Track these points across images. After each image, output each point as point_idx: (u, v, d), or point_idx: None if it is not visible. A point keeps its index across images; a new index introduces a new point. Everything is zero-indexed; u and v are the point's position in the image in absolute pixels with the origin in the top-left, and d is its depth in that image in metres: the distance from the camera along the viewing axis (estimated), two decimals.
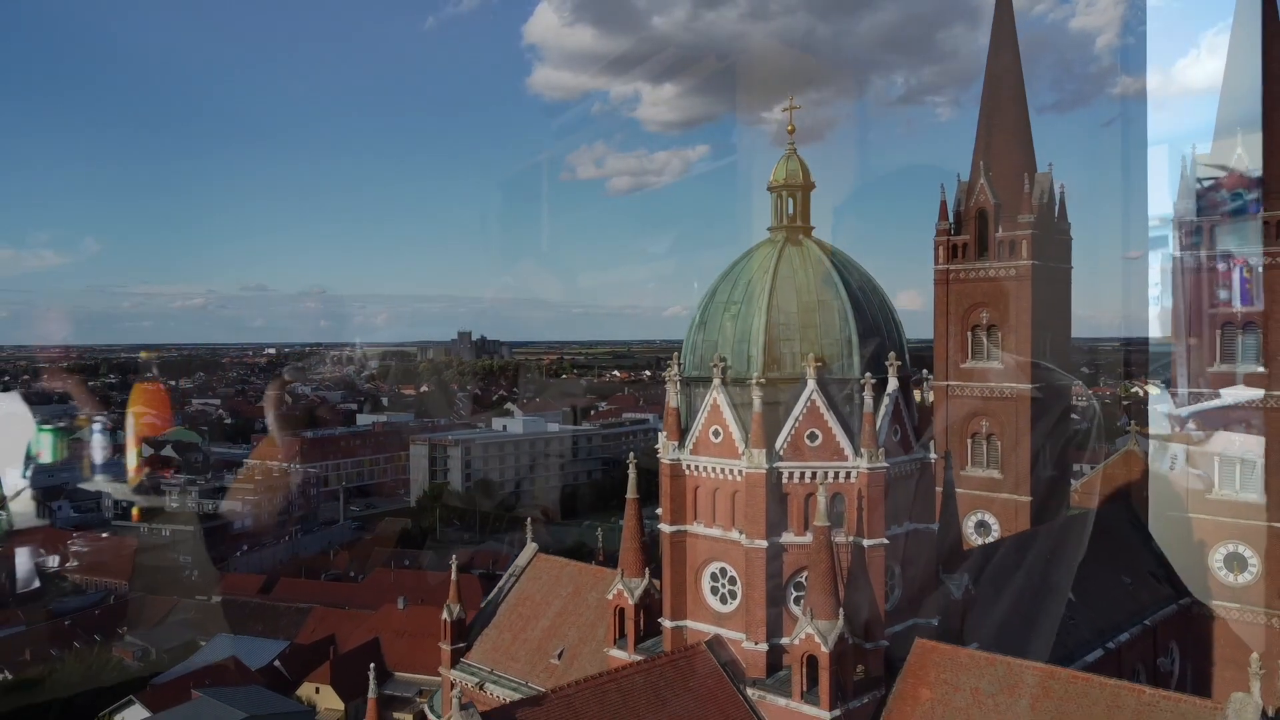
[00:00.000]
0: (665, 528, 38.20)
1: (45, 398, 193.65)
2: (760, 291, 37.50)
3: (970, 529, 65.69)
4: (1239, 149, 57.91)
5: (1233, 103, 61.05)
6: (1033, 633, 42.74)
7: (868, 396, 35.53)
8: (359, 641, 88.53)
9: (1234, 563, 56.79)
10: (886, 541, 35.48)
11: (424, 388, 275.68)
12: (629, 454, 43.28)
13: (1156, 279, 60.97)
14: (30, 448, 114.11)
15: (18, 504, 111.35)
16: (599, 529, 55.11)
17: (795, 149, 40.13)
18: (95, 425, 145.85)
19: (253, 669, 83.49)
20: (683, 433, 38.38)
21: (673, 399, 38.85)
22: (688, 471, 38.10)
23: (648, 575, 39.72)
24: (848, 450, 35.54)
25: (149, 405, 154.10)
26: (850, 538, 35.26)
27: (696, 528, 37.83)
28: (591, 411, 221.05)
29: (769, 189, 40.48)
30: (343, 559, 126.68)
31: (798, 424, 35.78)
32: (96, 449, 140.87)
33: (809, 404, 35.75)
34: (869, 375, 35.76)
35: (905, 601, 37.31)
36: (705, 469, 37.52)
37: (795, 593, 35.72)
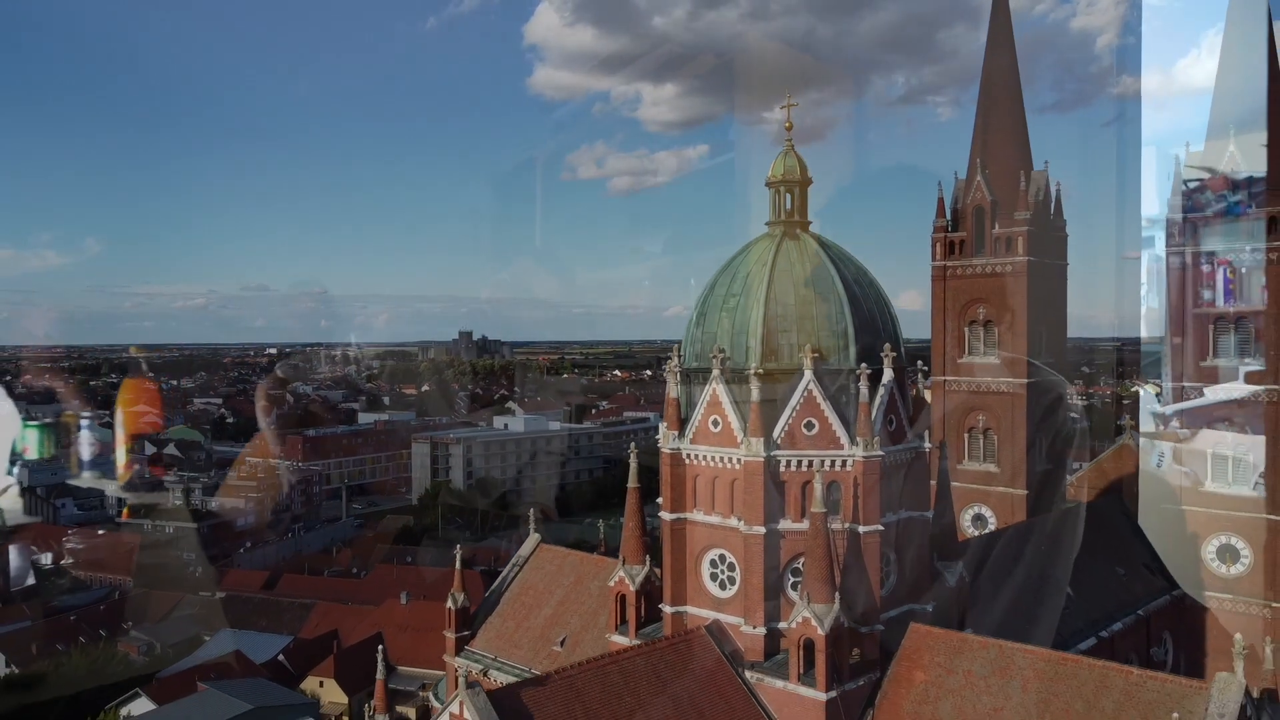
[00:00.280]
0: (666, 515, 39.08)
1: (35, 395, 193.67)
2: (758, 285, 38.36)
3: (967, 522, 66.52)
4: (1231, 148, 58.72)
5: (1226, 103, 61.87)
6: (1026, 620, 43.50)
7: (863, 387, 36.39)
8: (362, 636, 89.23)
9: (1226, 554, 57.60)
10: (881, 528, 36.33)
11: (425, 387, 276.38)
12: (630, 444, 44.10)
13: (1144, 279, 61.90)
14: (16, 444, 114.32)
15: (6, 500, 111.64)
16: (600, 522, 55.85)
17: (793, 145, 40.98)
18: (83, 421, 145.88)
19: (257, 663, 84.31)
20: (683, 423, 39.25)
21: (673, 390, 39.71)
22: (688, 460, 38.96)
23: (648, 562, 40.61)
24: (844, 439, 36.38)
25: (139, 401, 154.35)
26: (846, 524, 36.10)
27: (696, 515, 38.70)
28: (592, 410, 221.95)
29: (767, 184, 41.33)
30: (345, 556, 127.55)
31: (795, 414, 36.63)
32: (84, 445, 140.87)
33: (806, 394, 36.59)
34: (864, 366, 36.59)
35: (901, 588, 38.15)
36: (705, 458, 38.38)
37: (792, 578, 36.56)
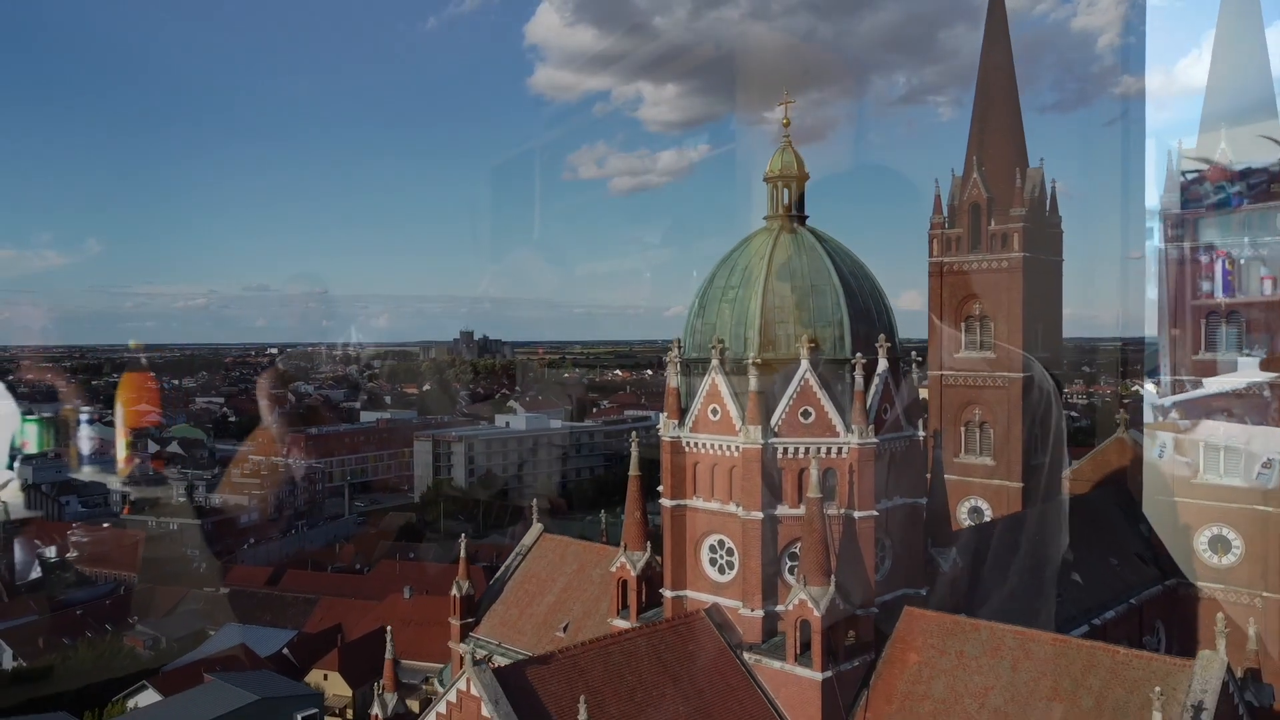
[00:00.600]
0: (666, 502, 40.07)
1: (37, 393, 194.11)
2: (756, 277, 39.33)
3: (964, 514, 67.47)
4: (1222, 144, 59.57)
5: (1218, 98, 62.67)
6: (1019, 606, 44.37)
7: (859, 376, 37.35)
8: (365, 630, 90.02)
9: (1218, 545, 58.48)
10: (876, 513, 37.31)
11: (426, 386, 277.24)
12: (632, 434, 45.05)
13: (1149, 274, 62.36)
14: (15, 439, 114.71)
15: (7, 494, 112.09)
16: (602, 513, 56.75)
17: (790, 141, 41.92)
18: (83, 416, 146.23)
19: (262, 657, 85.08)
20: (683, 412, 40.24)
21: (673, 380, 40.69)
22: (687, 449, 39.94)
23: (649, 549, 41.57)
24: (839, 427, 37.33)
25: (139, 395, 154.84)
26: (842, 510, 37.06)
27: (695, 502, 39.69)
28: (593, 409, 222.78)
29: (765, 180, 42.28)
30: (348, 552, 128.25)
31: (792, 402, 37.58)
32: (85, 440, 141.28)
33: (802, 383, 37.55)
34: (860, 356, 37.56)
35: (895, 572, 39.12)
36: (704, 446, 39.37)
37: (789, 562, 37.51)
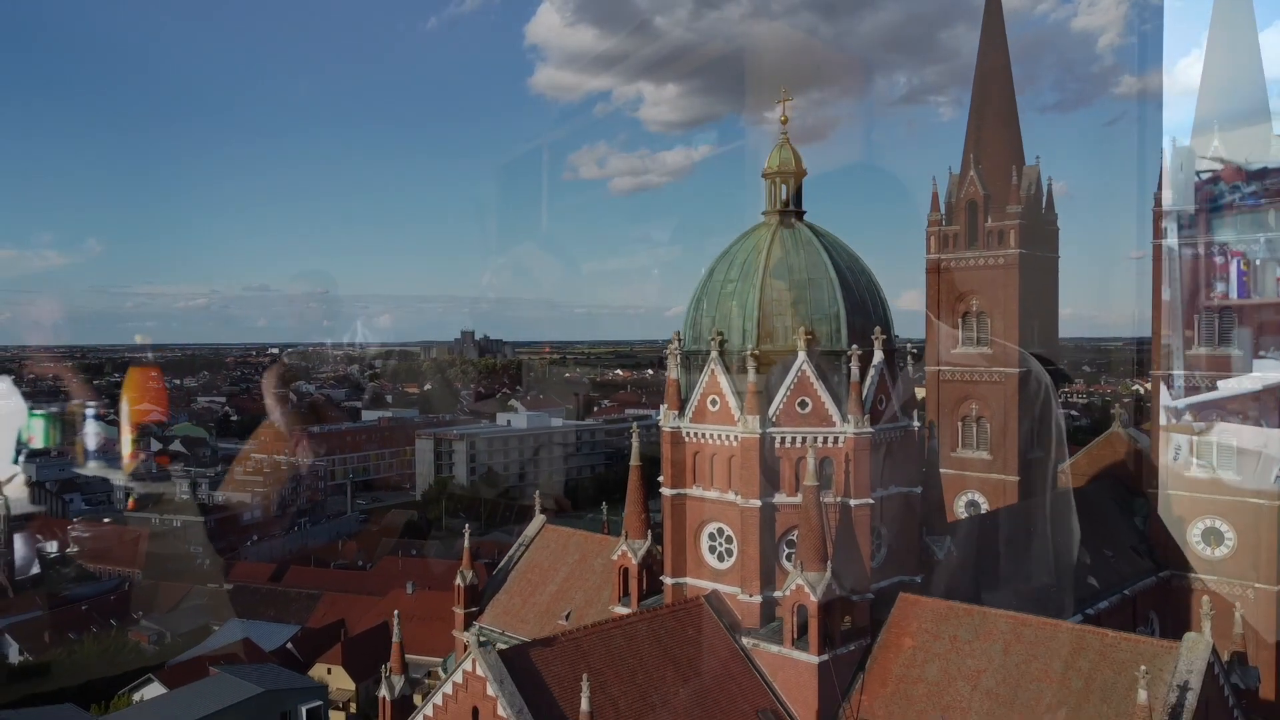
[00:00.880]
0: (666, 491, 40.95)
1: (40, 391, 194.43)
2: (755, 270, 40.19)
3: (961, 508, 68.23)
4: (1215, 142, 60.30)
5: (1211, 98, 63.38)
6: (1012, 592, 45.18)
7: (855, 367, 38.20)
8: (369, 625, 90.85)
9: (1211, 537, 59.29)
10: (872, 501, 38.15)
11: (427, 386, 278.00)
12: (633, 424, 45.91)
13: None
14: (21, 433, 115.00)
15: (11, 490, 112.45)
16: (603, 504, 57.54)
17: (788, 138, 42.77)
18: (89, 411, 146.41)
19: (266, 651, 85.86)
20: (682, 403, 41.09)
21: (673, 371, 41.55)
22: (687, 439, 40.80)
23: (650, 537, 42.43)
24: (836, 417, 38.17)
25: (144, 389, 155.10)
26: (838, 498, 37.89)
27: (695, 491, 40.55)
28: (595, 408, 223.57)
29: (763, 175, 43.11)
30: (350, 549, 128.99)
31: (789, 393, 38.43)
32: (90, 435, 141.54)
33: (799, 374, 38.40)
34: (856, 348, 38.42)
35: (891, 559, 39.95)
36: (703, 435, 40.23)
37: (787, 549, 38.35)
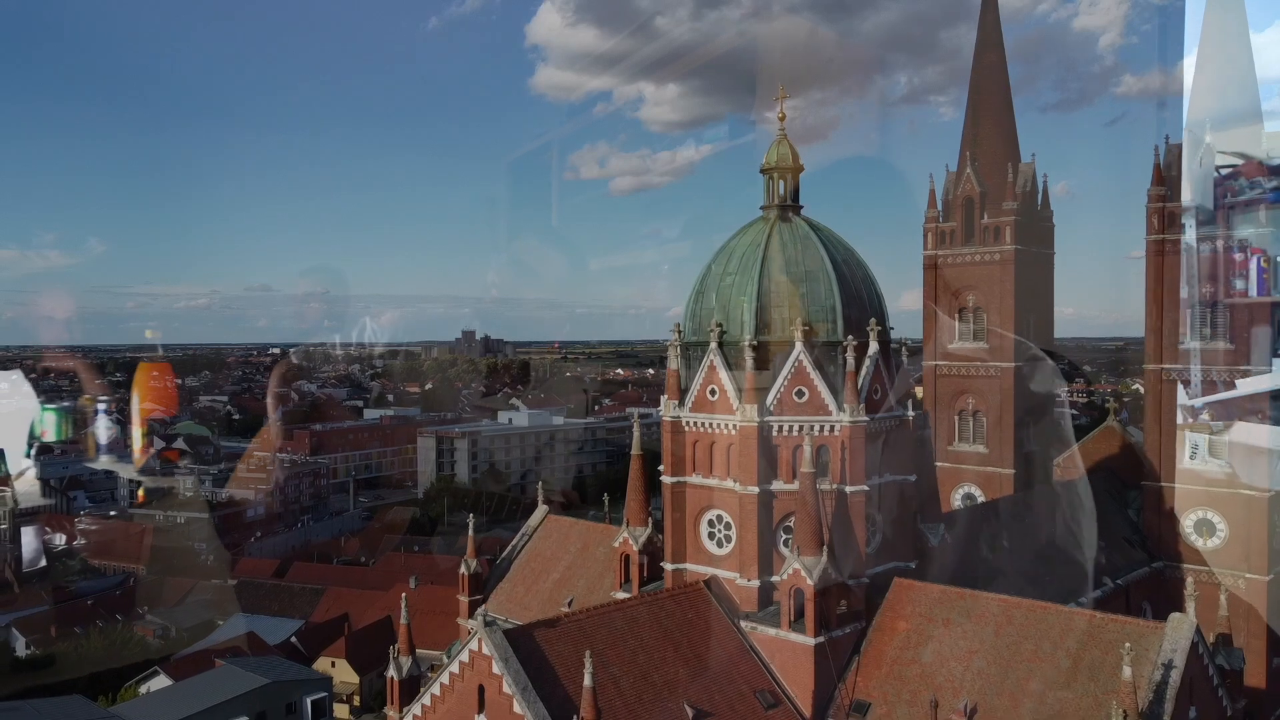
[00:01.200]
0: (667, 479, 41.93)
1: (49, 388, 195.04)
2: (753, 263, 41.16)
3: (957, 501, 69.15)
4: (1207, 139, 61.16)
5: (1202, 99, 64.23)
6: (1005, 578, 46.09)
7: (850, 358, 39.16)
8: (372, 619, 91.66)
9: (1203, 528, 60.23)
10: (867, 488, 39.12)
11: (428, 385, 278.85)
12: (634, 414, 46.86)
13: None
14: (34, 427, 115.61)
15: (22, 484, 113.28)
16: (605, 496, 58.34)
17: (786, 134, 43.75)
18: (100, 405, 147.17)
19: (270, 645, 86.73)
20: (683, 393, 42.05)
21: (674, 362, 42.50)
22: (687, 428, 41.78)
23: (650, 525, 43.40)
24: (832, 406, 39.13)
25: (154, 381, 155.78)
26: (834, 485, 38.83)
27: (695, 478, 41.54)
28: (596, 407, 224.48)
29: (761, 171, 44.07)
30: (353, 545, 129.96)
31: (786, 382, 39.42)
32: (101, 429, 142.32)
33: (796, 364, 39.39)
34: (851, 339, 39.39)
35: (886, 546, 40.90)
36: (703, 425, 41.21)
37: (784, 535, 39.32)
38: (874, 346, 40.38)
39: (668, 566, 41.85)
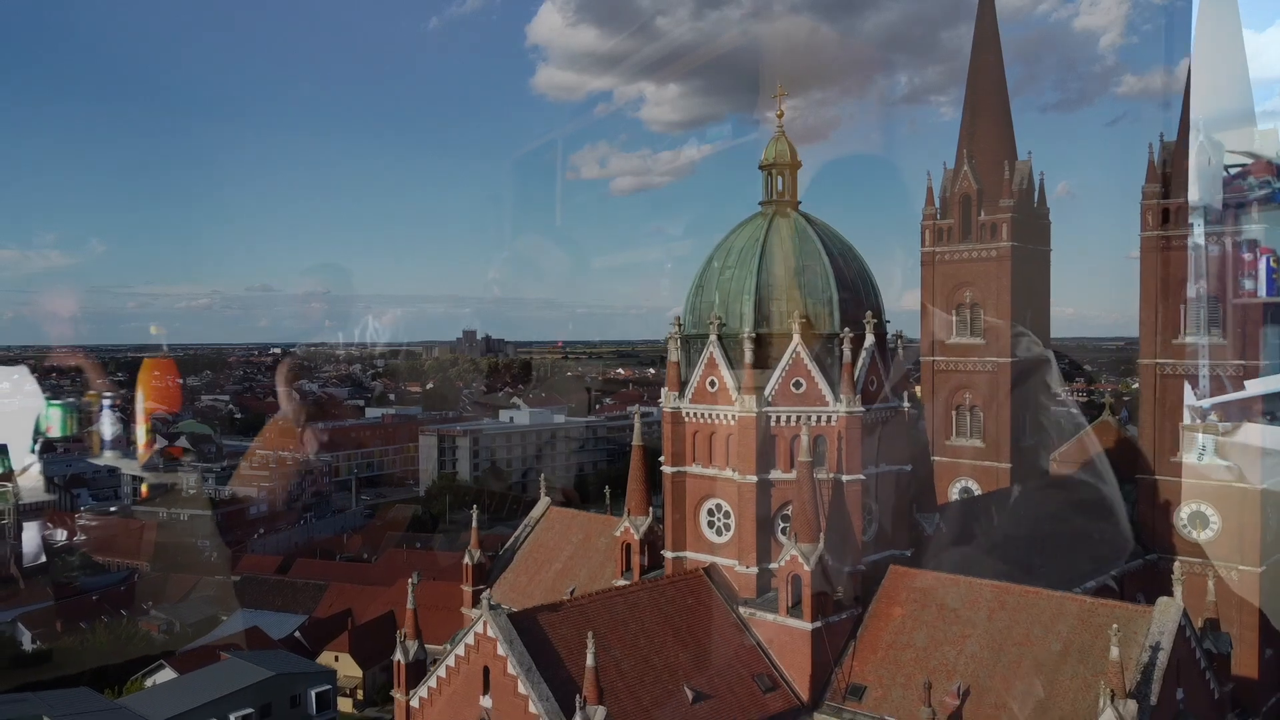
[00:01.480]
0: (667, 469, 42.79)
1: (52, 380, 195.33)
2: (751, 257, 41.99)
3: (954, 495, 69.91)
4: (1200, 137, 61.95)
5: (1198, 100, 64.83)
6: (999, 568, 46.86)
7: (847, 350, 39.97)
8: (375, 614, 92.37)
9: (1197, 521, 61.03)
10: (863, 477, 39.93)
11: (429, 384, 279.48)
12: (635, 408, 47.66)
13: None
14: (40, 422, 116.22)
15: (26, 479, 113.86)
16: (606, 488, 59.15)
17: (784, 131, 44.58)
18: (105, 401, 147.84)
19: (274, 640, 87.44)
20: (683, 384, 42.89)
21: (674, 354, 43.34)
22: (687, 418, 42.63)
23: (651, 514, 44.23)
24: (829, 397, 39.95)
25: (159, 376, 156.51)
26: (831, 474, 39.63)
27: (695, 468, 42.40)
28: (597, 406, 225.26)
29: (760, 167, 44.90)
30: (355, 542, 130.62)
31: (784, 374, 40.26)
32: (106, 425, 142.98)
33: (794, 356, 40.24)
34: (848, 331, 40.19)
35: (882, 534, 41.73)
36: (703, 415, 42.07)
37: (782, 524, 40.14)
38: (870, 339, 41.19)
39: (668, 555, 42.68)
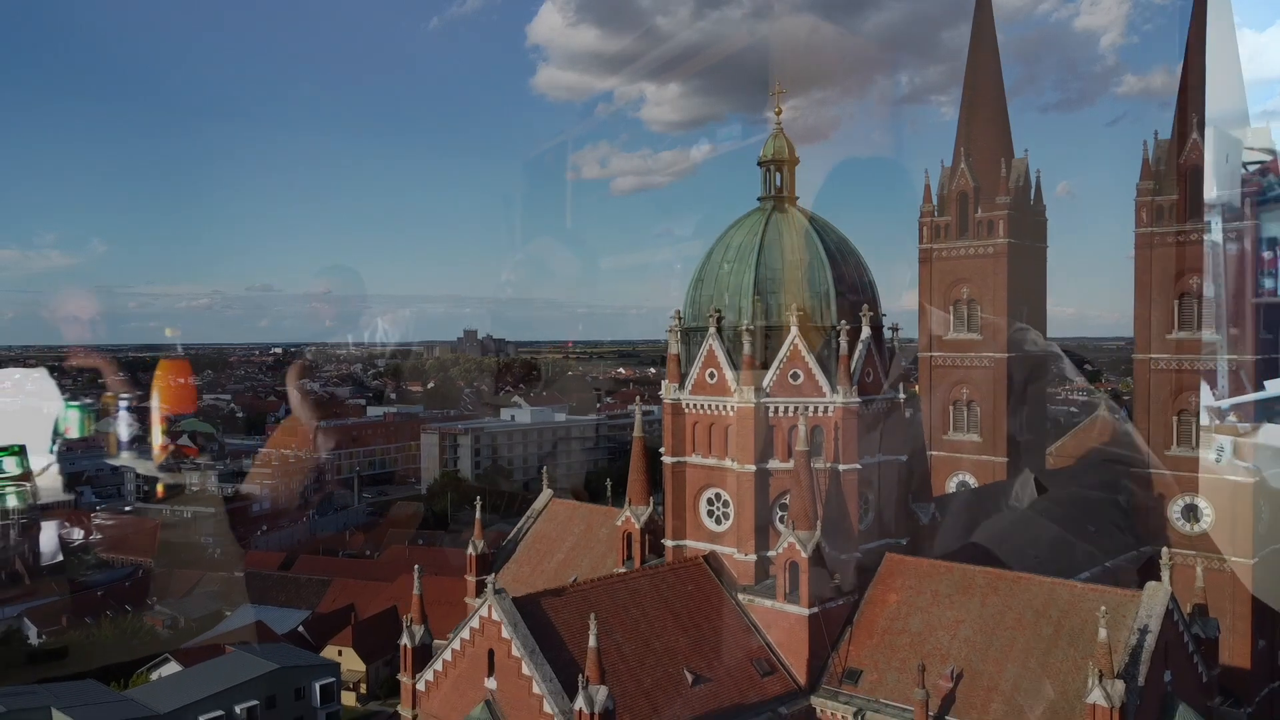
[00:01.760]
0: (667, 459, 43.64)
1: (54, 379, 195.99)
2: (750, 251, 42.86)
3: (952, 488, 70.65)
4: (1194, 134, 62.86)
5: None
6: (992, 557, 47.71)
7: (843, 342, 40.80)
8: (378, 609, 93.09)
9: (1191, 514, 61.81)
10: (859, 467, 40.76)
11: (430, 384, 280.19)
12: (635, 400, 48.52)
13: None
14: (58, 424, 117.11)
15: (44, 480, 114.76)
16: (608, 480, 59.84)
17: (782, 128, 45.40)
18: (122, 403, 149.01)
19: (279, 634, 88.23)
20: (683, 376, 43.73)
21: (674, 347, 44.18)
22: (687, 410, 43.50)
23: (652, 503, 45.03)
24: (825, 388, 40.79)
25: (175, 377, 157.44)
26: (828, 464, 40.46)
27: (694, 458, 43.26)
28: (598, 405, 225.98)
29: (759, 163, 45.75)
30: (358, 539, 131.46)
31: (782, 365, 41.13)
32: (123, 426, 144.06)
33: (791, 348, 41.10)
34: (844, 324, 41.03)
35: (878, 523, 42.59)
36: (702, 407, 42.94)
37: (780, 512, 40.96)
38: (866, 331, 42.02)
39: (668, 543, 43.51)
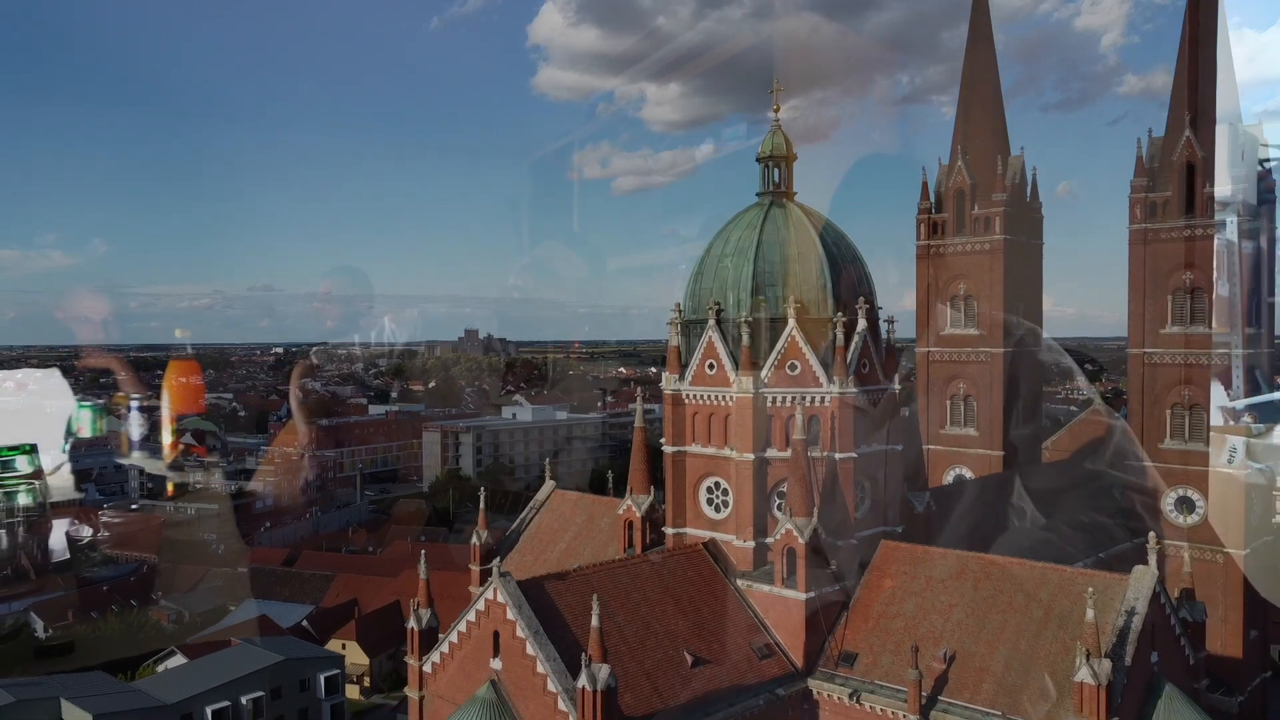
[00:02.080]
0: (668, 448, 44.55)
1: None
2: (749, 245, 43.78)
3: (948, 482, 71.54)
4: (1186, 132, 63.74)
5: (1184, 96, 66.50)
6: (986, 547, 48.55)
7: (840, 333, 41.72)
8: (381, 604, 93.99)
9: (1183, 506, 62.71)
10: (855, 455, 41.66)
11: (431, 383, 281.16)
12: (636, 391, 49.38)
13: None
14: (70, 423, 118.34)
15: (56, 478, 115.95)
16: (609, 473, 60.88)
17: (780, 125, 46.31)
18: (133, 402, 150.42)
19: (283, 628, 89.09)
20: (683, 367, 44.65)
21: (674, 339, 45.11)
22: (687, 400, 44.43)
23: (653, 492, 45.97)
24: (822, 378, 41.71)
25: (184, 377, 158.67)
26: (824, 453, 41.37)
27: (694, 448, 44.17)
28: (599, 404, 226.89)
29: (757, 160, 46.67)
30: (361, 536, 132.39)
31: (780, 356, 42.07)
32: (134, 426, 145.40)
33: (789, 340, 42.03)
34: (841, 316, 41.95)
35: (874, 511, 43.47)
36: (702, 397, 43.85)
37: (778, 500, 41.88)
38: (862, 323, 42.94)
39: (669, 531, 44.44)
